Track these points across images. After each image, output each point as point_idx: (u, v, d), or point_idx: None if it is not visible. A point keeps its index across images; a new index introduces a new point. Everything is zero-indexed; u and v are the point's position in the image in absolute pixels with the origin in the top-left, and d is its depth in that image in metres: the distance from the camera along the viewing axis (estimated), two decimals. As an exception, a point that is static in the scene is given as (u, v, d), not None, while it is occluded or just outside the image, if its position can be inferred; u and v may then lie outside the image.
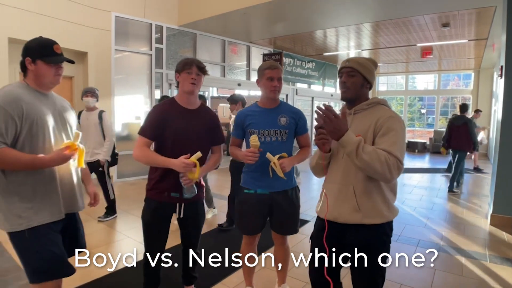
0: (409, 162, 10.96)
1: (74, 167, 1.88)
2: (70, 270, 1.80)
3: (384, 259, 1.66)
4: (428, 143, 13.56)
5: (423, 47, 9.59)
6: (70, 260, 1.83)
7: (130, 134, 7.22)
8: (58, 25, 5.71)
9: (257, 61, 9.80)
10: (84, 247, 2.03)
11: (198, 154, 2.01)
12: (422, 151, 13.44)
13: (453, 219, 4.75)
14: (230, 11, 6.61)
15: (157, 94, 7.59)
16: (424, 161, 11.18)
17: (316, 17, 7.05)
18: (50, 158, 1.68)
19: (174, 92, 7.77)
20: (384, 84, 15.89)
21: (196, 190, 2.12)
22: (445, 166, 8.13)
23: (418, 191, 6.45)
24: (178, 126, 2.10)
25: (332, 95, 12.54)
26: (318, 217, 1.82)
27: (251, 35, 8.83)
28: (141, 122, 7.32)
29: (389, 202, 1.65)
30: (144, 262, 2.30)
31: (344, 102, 1.79)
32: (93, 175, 3.32)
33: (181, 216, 2.22)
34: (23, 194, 1.67)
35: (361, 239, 1.63)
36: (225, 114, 12.04)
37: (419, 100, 15.46)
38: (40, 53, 1.71)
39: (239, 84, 9.23)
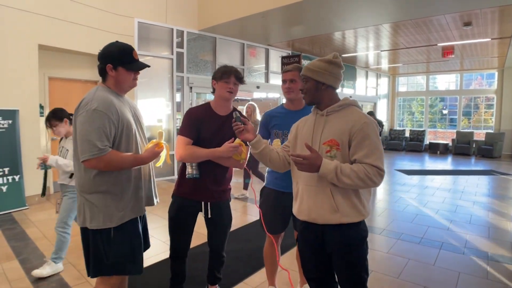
0: (431, 164, 10.78)
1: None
2: (139, 269, 1.87)
3: (365, 254, 1.72)
4: (450, 144, 13.28)
5: (444, 47, 9.41)
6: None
7: (152, 136, 7.38)
8: (84, 31, 5.91)
9: (275, 64, 9.85)
10: (149, 246, 2.10)
11: None
12: (444, 153, 13.17)
13: (477, 222, 4.66)
14: (249, 15, 6.68)
15: (178, 97, 7.75)
16: (447, 163, 10.95)
17: (334, 19, 7.04)
18: (146, 156, 1.81)
19: (194, 96, 7.91)
20: (404, 85, 15.64)
21: (199, 173, 2.18)
22: (469, 168, 7.97)
23: (441, 193, 6.34)
24: (210, 131, 2.20)
25: (350, 96, 12.47)
26: (297, 218, 1.85)
27: (269, 38, 8.88)
28: (163, 124, 7.50)
29: (364, 201, 1.69)
30: (170, 258, 2.40)
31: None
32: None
33: (209, 216, 2.29)
34: (115, 193, 1.75)
35: (342, 238, 1.67)
36: (244, 116, 12.11)
37: (441, 100, 15.15)
38: (122, 60, 1.78)
39: (257, 87, 9.30)
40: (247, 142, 1.84)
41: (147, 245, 2.07)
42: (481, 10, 6.23)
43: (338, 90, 1.88)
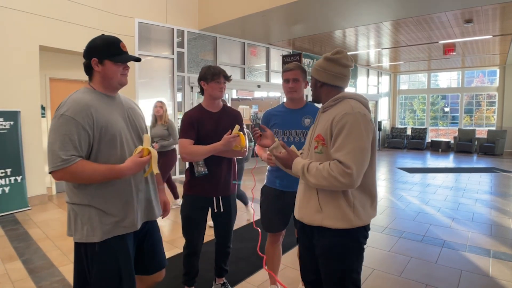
0: (432, 161, 10.76)
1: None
2: None
3: (353, 266, 1.56)
4: (452, 142, 13.25)
5: (446, 44, 9.39)
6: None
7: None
8: (85, 32, 5.92)
9: (276, 63, 9.84)
10: (163, 266, 1.89)
11: (237, 126, 2.23)
12: (446, 151, 13.15)
13: (479, 219, 4.65)
14: (249, 14, 6.68)
15: (179, 97, 7.75)
16: (449, 161, 10.93)
17: (335, 17, 7.02)
18: (126, 166, 1.55)
19: (195, 95, 7.91)
20: (406, 83, 15.60)
21: (207, 170, 2.31)
22: (471, 166, 7.95)
23: (443, 191, 6.33)
24: (208, 128, 2.33)
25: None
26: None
27: (270, 37, 8.87)
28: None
29: (356, 206, 1.51)
30: (184, 254, 2.49)
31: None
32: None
33: (221, 210, 2.40)
34: (98, 206, 1.55)
35: (325, 243, 1.56)
36: (245, 115, 12.13)
37: (442, 98, 15.10)
38: (108, 52, 1.60)
39: (258, 86, 9.29)
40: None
41: (159, 265, 1.87)
42: (482, 7, 6.21)
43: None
